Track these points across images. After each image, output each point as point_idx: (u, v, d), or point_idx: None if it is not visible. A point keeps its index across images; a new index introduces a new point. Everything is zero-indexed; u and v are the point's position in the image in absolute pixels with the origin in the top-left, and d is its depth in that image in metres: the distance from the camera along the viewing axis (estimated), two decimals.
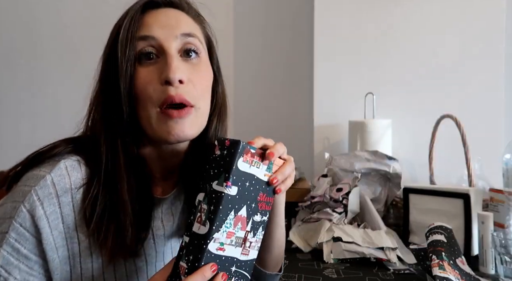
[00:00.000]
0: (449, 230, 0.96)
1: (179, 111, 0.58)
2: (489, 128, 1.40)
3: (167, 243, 0.69)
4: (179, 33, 0.60)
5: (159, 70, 0.58)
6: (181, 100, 0.58)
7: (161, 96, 0.57)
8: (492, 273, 0.94)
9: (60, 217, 0.57)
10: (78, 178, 0.59)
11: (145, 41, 0.59)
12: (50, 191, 0.56)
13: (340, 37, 1.50)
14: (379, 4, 1.47)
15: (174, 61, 0.58)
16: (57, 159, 0.59)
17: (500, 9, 1.40)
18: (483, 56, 1.41)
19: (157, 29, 0.58)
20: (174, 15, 0.62)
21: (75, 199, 0.58)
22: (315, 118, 1.53)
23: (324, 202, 1.20)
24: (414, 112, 1.46)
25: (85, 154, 0.61)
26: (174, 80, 0.57)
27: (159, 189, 0.67)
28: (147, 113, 0.58)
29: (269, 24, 1.74)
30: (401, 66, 1.46)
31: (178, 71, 0.57)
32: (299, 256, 1.07)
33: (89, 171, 0.60)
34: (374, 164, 1.27)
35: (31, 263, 0.57)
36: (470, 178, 1.15)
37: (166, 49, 0.58)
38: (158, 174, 0.66)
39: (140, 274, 0.65)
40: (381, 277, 0.92)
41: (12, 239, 0.55)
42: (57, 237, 0.57)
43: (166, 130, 0.58)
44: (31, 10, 1.93)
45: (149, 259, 0.65)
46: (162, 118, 0.58)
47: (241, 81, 1.77)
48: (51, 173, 0.57)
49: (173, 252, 0.71)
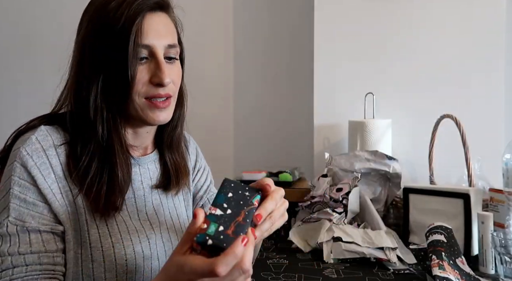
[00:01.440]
0: (449, 230, 0.96)
1: (163, 102, 0.73)
2: (489, 128, 1.40)
3: (147, 203, 0.79)
4: (167, 44, 0.73)
5: (150, 71, 0.71)
6: (167, 95, 0.73)
7: (149, 92, 0.71)
8: (492, 273, 0.94)
9: (50, 167, 0.68)
10: (58, 138, 0.71)
11: (144, 48, 0.70)
12: (37, 147, 0.68)
13: (340, 37, 1.50)
14: (379, 4, 1.47)
15: (165, 67, 0.71)
16: (37, 126, 0.71)
17: (500, 9, 1.40)
18: (483, 56, 1.41)
19: (152, 38, 0.71)
20: (164, 23, 0.74)
21: (59, 153, 0.70)
22: (315, 118, 1.53)
23: (324, 202, 1.20)
24: (414, 112, 1.46)
25: (61, 124, 0.73)
26: (166, 84, 0.71)
27: (137, 153, 0.81)
28: (134, 101, 0.71)
29: (269, 24, 1.74)
30: (401, 66, 1.46)
31: (168, 77, 0.71)
32: (299, 256, 1.07)
33: (67, 135, 0.72)
34: (374, 164, 1.27)
35: (40, 209, 0.67)
36: (470, 178, 1.15)
37: (158, 56, 0.71)
38: (135, 143, 0.80)
39: (127, 222, 0.74)
40: (381, 277, 0.92)
41: (17, 191, 0.66)
42: (51, 184, 0.68)
43: (152, 117, 0.73)
44: (26, 9, 1.92)
45: (132, 215, 0.76)
46: (148, 107, 0.72)
47: (241, 81, 1.77)
48: (35, 134, 0.69)
49: (155, 209, 0.81)
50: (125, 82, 0.69)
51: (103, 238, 0.70)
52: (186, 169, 0.88)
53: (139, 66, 0.70)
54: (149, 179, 0.82)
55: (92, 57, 0.70)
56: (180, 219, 0.84)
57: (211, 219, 0.54)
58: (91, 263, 0.69)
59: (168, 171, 0.84)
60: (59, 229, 0.68)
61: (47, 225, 0.67)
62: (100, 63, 0.70)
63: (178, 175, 0.84)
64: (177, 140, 0.86)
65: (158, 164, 0.84)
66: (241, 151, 1.78)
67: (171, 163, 0.84)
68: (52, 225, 0.68)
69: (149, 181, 0.81)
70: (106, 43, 0.69)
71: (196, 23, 1.77)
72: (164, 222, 0.80)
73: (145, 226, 0.76)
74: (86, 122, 0.71)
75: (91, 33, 0.71)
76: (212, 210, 0.55)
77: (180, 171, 0.85)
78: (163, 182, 0.83)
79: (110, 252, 0.70)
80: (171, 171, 0.84)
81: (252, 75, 1.77)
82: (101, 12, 0.70)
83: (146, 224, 0.76)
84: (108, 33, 0.69)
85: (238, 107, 1.78)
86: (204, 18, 1.77)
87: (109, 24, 0.69)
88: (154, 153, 0.84)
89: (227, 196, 0.58)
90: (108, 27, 0.69)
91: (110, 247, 0.70)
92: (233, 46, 1.77)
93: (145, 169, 0.82)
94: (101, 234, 0.70)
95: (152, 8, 0.72)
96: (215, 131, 1.77)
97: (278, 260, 1.04)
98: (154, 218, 0.79)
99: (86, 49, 0.71)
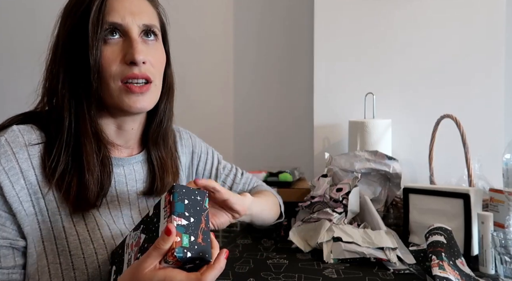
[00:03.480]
0: (449, 231, 0.96)
1: (140, 87, 0.67)
2: (489, 128, 1.40)
3: (133, 206, 0.76)
4: (141, 23, 0.68)
5: (123, 51, 0.67)
6: (144, 77, 0.67)
7: (124, 73, 0.66)
8: (492, 273, 0.94)
9: (20, 173, 0.63)
10: (32, 138, 0.66)
11: (113, 25, 0.66)
12: (5, 149, 0.63)
13: (340, 37, 1.50)
14: (379, 4, 1.47)
15: (138, 44, 0.67)
16: (8, 126, 0.67)
17: (500, 9, 1.40)
18: (483, 56, 1.41)
19: (123, 16, 0.66)
20: (138, 2, 0.70)
21: (32, 155, 0.64)
22: (315, 118, 1.53)
23: (324, 202, 1.20)
24: (414, 112, 1.46)
25: (37, 122, 0.68)
26: (139, 61, 0.66)
27: (123, 153, 0.77)
28: (109, 86, 0.66)
29: (269, 24, 1.74)
30: (401, 66, 1.46)
31: (142, 54, 0.66)
32: (299, 256, 1.07)
33: (43, 134, 0.67)
34: (374, 164, 1.27)
35: (2, 220, 0.62)
36: (470, 178, 1.15)
37: (131, 34, 0.67)
38: (119, 141, 0.75)
39: (111, 226, 0.71)
40: (381, 277, 0.92)
41: None
42: (20, 191, 0.62)
43: (128, 103, 0.67)
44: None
45: (116, 219, 0.73)
46: (124, 92, 0.67)
47: (241, 81, 1.77)
48: (4, 135, 0.64)
49: (141, 212, 0.77)
50: (88, 65, 0.64)
51: (84, 244, 0.66)
52: (174, 170, 0.84)
53: (108, 46, 0.66)
54: (135, 181, 0.78)
55: (61, 47, 0.67)
56: None
57: (181, 230, 0.54)
58: (73, 272, 0.65)
59: (155, 173, 0.79)
60: (20, 244, 0.64)
61: (7, 239, 0.63)
62: (65, 51, 0.66)
63: (164, 176, 0.80)
64: (164, 137, 0.80)
65: (144, 164, 0.80)
66: (241, 151, 1.78)
67: (157, 162, 0.79)
68: (12, 240, 0.63)
69: (134, 183, 0.78)
70: (72, 29, 0.66)
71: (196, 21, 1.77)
72: None
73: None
74: (57, 118, 0.67)
75: (62, 22, 0.69)
76: (177, 220, 0.55)
77: (167, 170, 0.80)
78: (149, 187, 0.79)
79: (93, 259, 0.66)
80: (156, 171, 0.79)
81: (252, 75, 1.77)
82: (71, 1, 0.68)
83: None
84: (73, 17, 0.66)
85: (238, 107, 1.78)
86: (204, 17, 1.77)
87: (75, 9, 0.67)
88: (141, 154, 0.80)
89: (185, 203, 0.57)
90: (74, 12, 0.67)
91: (93, 253, 0.66)
92: (233, 46, 1.77)
93: (131, 170, 0.77)
94: (82, 240, 0.66)
95: None
96: (215, 131, 1.77)
97: (278, 260, 1.04)
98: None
99: (59, 43, 0.68)
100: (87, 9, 0.65)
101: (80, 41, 0.65)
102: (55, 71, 0.68)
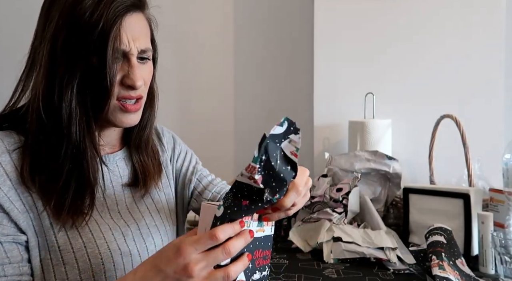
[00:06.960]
0: (449, 231, 0.96)
1: (134, 106, 0.72)
2: (489, 128, 1.40)
3: (119, 201, 0.78)
4: (140, 49, 0.71)
5: (123, 72, 0.70)
6: (137, 97, 0.73)
7: (121, 93, 0.70)
8: (492, 273, 0.94)
9: (5, 175, 0.65)
10: (11, 142, 0.68)
11: (120, 52, 0.69)
12: None
13: (340, 37, 1.50)
14: (379, 5, 1.47)
15: (137, 70, 0.70)
16: None
17: (500, 9, 1.40)
18: (483, 56, 1.41)
19: (128, 42, 0.69)
20: (140, 26, 0.72)
21: (14, 158, 0.67)
22: (315, 118, 1.53)
23: (324, 202, 1.20)
24: (414, 112, 1.46)
25: (15, 126, 0.70)
26: (138, 87, 0.70)
27: (105, 151, 0.79)
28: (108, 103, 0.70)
29: (269, 24, 1.74)
30: (401, 66, 1.46)
31: (141, 79, 0.71)
32: (299, 256, 1.07)
33: (22, 138, 0.69)
34: (374, 164, 1.27)
35: None
36: (470, 178, 1.15)
37: (131, 59, 0.70)
38: (102, 141, 0.77)
39: (99, 221, 0.73)
40: (381, 277, 0.92)
41: None
42: (8, 192, 0.64)
43: (121, 120, 0.72)
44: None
45: (103, 214, 0.74)
46: (119, 110, 0.71)
47: (241, 81, 1.77)
48: None
49: (128, 207, 0.79)
50: (105, 86, 0.67)
51: (72, 239, 0.68)
52: (156, 169, 0.86)
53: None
54: (119, 177, 0.80)
55: (67, 57, 0.66)
56: (161, 214, 0.84)
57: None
58: (63, 267, 0.67)
59: (137, 173, 0.82)
60: (22, 239, 0.66)
61: (8, 236, 0.64)
62: (76, 65, 0.66)
63: (146, 177, 0.82)
64: (146, 141, 0.84)
65: (128, 162, 0.83)
66: (241, 151, 1.77)
67: (139, 165, 0.82)
68: (14, 235, 0.65)
69: (119, 179, 0.80)
70: (84, 45, 0.65)
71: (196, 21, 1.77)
72: (141, 218, 0.79)
73: (119, 224, 0.75)
74: (55, 125, 0.67)
75: (64, 31, 0.66)
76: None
77: (149, 172, 0.83)
78: (134, 180, 0.82)
79: (82, 253, 0.68)
80: (138, 173, 0.82)
81: (252, 75, 1.77)
82: (74, 9, 0.65)
83: (120, 222, 0.75)
84: (86, 34, 0.65)
85: (238, 107, 1.77)
86: (204, 17, 1.77)
87: (86, 24, 0.65)
88: (122, 150, 0.82)
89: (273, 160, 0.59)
90: (85, 28, 0.65)
91: (82, 247, 0.68)
92: (233, 46, 1.77)
93: (114, 166, 0.80)
94: (70, 236, 0.68)
95: (130, 8, 0.69)
96: (215, 131, 1.77)
97: (278, 260, 1.04)
98: (128, 216, 0.77)
99: (58, 47, 0.66)
100: (104, 34, 0.66)
101: (97, 63, 0.66)
102: (58, 85, 0.67)
